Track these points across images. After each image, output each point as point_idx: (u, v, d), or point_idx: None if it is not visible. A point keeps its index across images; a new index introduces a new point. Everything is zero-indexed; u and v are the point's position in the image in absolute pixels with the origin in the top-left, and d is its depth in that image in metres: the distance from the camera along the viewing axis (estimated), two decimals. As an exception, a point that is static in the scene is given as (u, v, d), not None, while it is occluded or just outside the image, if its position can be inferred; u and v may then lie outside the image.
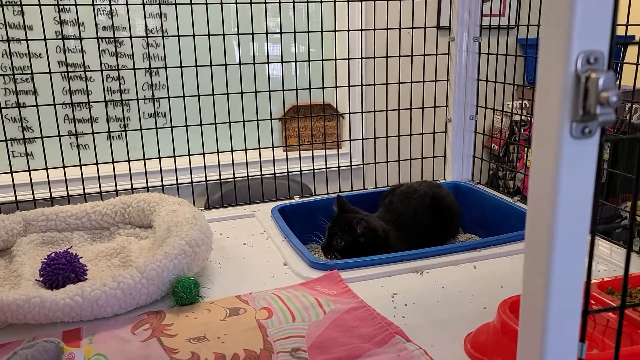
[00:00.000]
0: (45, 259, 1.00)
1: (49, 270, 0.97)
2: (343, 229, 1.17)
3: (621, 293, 0.41)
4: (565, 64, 0.40)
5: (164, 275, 0.92)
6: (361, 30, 1.51)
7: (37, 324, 0.84)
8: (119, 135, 1.98)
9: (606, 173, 2.07)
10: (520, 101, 2.08)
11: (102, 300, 0.86)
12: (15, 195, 1.30)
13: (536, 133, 0.43)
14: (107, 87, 1.97)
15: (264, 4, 1.40)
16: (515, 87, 1.47)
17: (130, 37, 1.33)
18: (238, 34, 1.39)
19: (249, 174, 1.46)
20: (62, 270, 0.97)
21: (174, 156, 1.39)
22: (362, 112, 1.56)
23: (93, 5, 1.27)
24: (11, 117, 1.85)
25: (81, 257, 1.03)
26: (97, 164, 1.34)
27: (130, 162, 1.36)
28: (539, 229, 0.44)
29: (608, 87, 0.38)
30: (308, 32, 1.43)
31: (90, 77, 1.91)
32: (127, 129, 1.33)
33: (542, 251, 0.43)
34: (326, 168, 1.52)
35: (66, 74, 1.41)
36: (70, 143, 1.79)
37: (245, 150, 1.45)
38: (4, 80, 1.86)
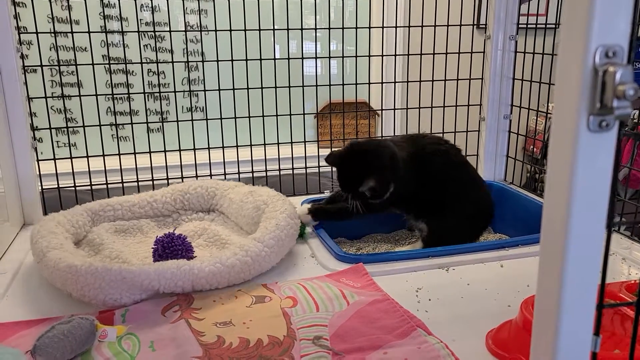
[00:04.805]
0: (155, 244, 1.05)
1: (168, 252, 1.03)
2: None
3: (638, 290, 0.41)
4: (584, 58, 0.40)
5: (279, 243, 1.02)
6: (396, 27, 1.51)
7: (176, 292, 0.92)
8: (158, 129, 2.04)
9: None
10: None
11: (237, 267, 0.95)
12: (58, 182, 1.36)
13: (554, 126, 0.44)
14: (148, 82, 2.03)
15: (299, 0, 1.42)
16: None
17: (170, 31, 1.38)
18: (274, 30, 1.42)
19: (281, 169, 1.48)
20: (180, 251, 1.04)
21: (209, 148, 1.43)
22: (394, 109, 1.56)
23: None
24: (57, 109, 1.93)
25: (186, 238, 1.09)
26: (134, 153, 1.39)
27: (167, 154, 1.41)
28: (554, 220, 0.44)
29: (625, 81, 0.39)
30: (342, 28, 1.44)
31: (132, 71, 1.98)
32: (165, 121, 1.38)
33: (557, 243, 0.44)
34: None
35: (108, 66, 1.46)
36: (112, 135, 1.86)
37: (278, 144, 1.47)
38: (50, 72, 1.94)
